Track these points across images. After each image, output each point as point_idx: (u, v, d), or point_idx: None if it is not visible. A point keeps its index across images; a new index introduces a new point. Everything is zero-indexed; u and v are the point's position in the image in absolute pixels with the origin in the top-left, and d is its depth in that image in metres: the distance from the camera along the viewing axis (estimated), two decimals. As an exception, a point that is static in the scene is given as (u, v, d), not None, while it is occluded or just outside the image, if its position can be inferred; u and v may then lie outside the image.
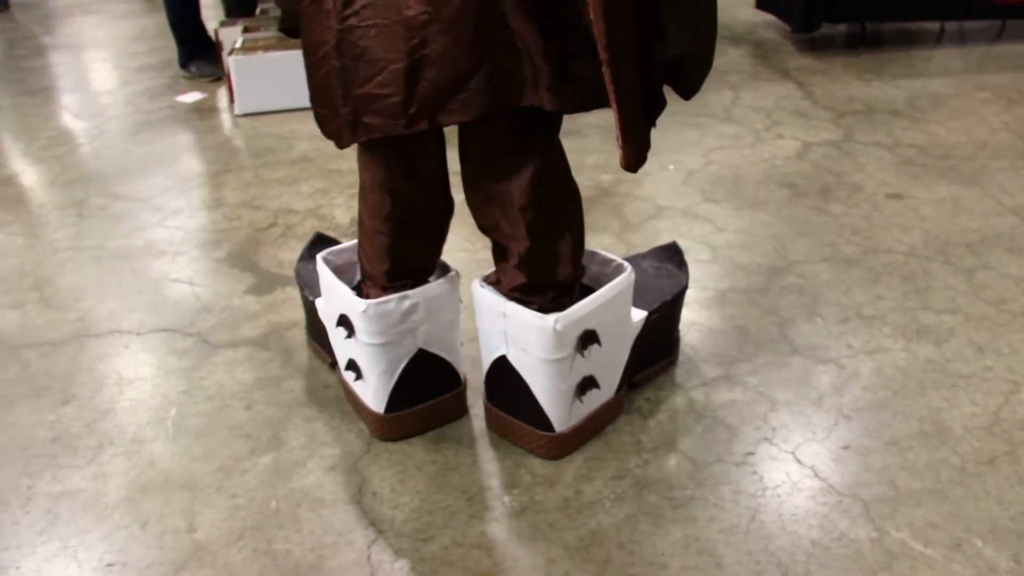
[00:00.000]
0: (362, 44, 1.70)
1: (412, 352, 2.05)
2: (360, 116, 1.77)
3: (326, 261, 2.17)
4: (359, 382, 2.13)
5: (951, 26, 5.55)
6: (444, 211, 2.08)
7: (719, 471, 2.07)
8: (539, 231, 1.93)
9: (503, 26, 1.68)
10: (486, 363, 2.12)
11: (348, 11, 1.69)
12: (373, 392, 2.09)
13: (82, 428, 2.27)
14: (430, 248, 2.11)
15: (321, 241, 2.60)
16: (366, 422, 2.18)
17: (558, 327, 1.90)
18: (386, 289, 2.02)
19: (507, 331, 1.99)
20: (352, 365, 2.12)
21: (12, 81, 5.31)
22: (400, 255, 2.03)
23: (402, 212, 1.99)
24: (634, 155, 1.72)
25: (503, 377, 2.06)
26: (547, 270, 1.98)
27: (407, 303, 1.99)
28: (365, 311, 1.97)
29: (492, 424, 2.19)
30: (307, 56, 1.83)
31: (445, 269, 2.14)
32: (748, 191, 3.45)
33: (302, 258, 2.58)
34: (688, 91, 1.85)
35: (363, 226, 2.04)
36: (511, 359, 2.01)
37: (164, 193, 3.60)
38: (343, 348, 2.14)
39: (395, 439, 2.15)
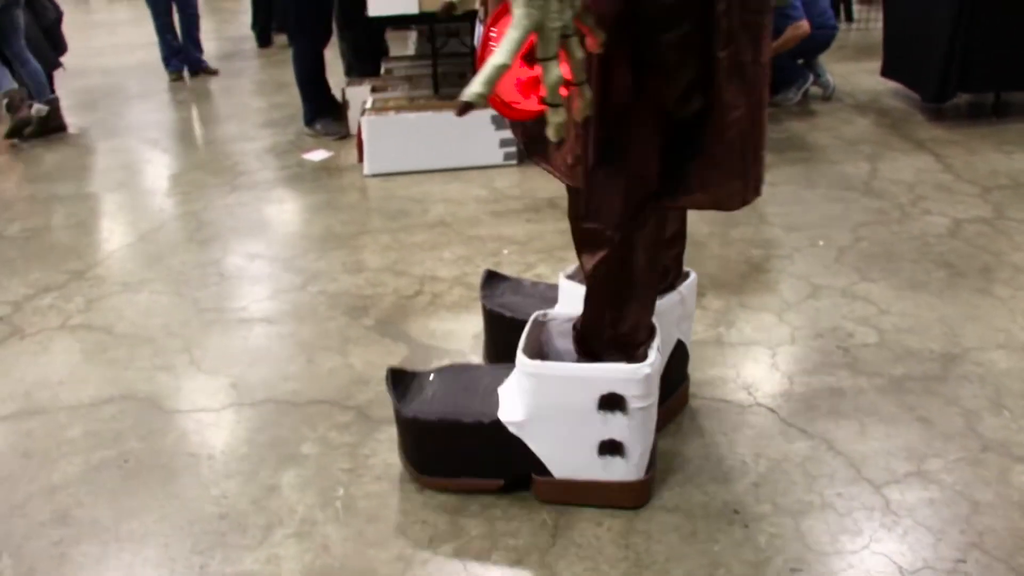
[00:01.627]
0: None
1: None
2: None
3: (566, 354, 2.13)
4: (614, 460, 2.08)
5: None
6: None
7: (931, 581, 1.92)
8: None
9: None
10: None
11: None
12: (637, 460, 2.09)
13: (248, 505, 2.21)
14: None
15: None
16: (620, 499, 2.14)
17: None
18: (642, 345, 2.05)
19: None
20: (611, 447, 2.07)
21: (143, 137, 5.41)
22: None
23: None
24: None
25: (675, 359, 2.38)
26: None
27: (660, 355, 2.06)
28: (649, 373, 1.99)
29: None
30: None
31: None
32: (905, 270, 3.30)
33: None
34: None
35: (636, 288, 2.00)
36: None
37: (304, 254, 3.58)
38: (597, 432, 2.07)
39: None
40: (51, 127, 5.50)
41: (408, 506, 2.17)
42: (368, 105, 4.50)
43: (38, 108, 5.43)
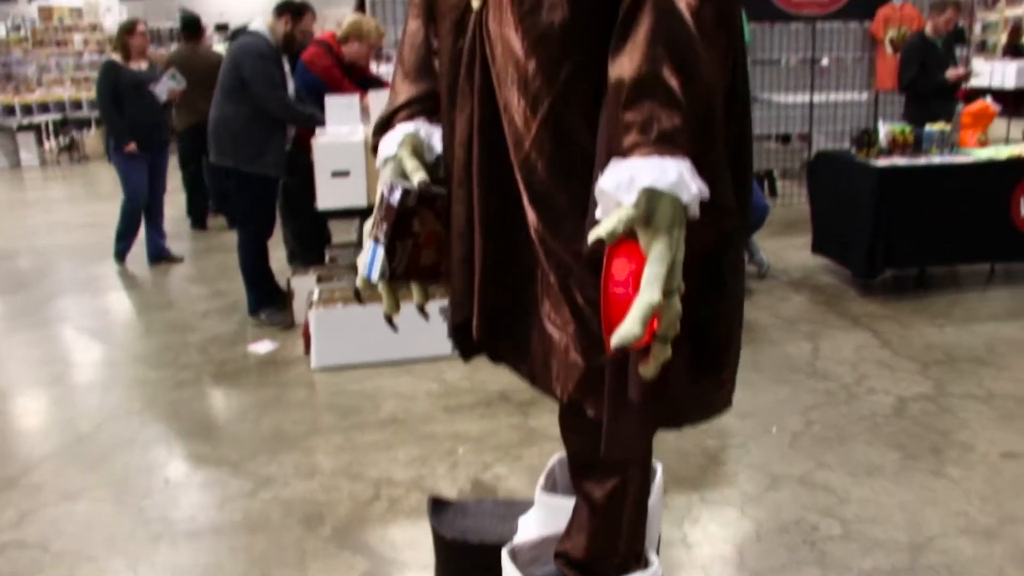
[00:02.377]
0: None
1: None
2: None
3: None
4: None
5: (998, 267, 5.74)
6: None
7: None
8: None
9: None
10: None
11: None
12: None
13: None
14: None
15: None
16: None
17: None
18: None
19: None
20: None
21: (78, 326, 5.29)
22: None
23: None
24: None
25: None
26: None
27: None
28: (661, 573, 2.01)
29: None
30: None
31: None
32: (858, 454, 3.34)
33: None
34: None
35: (647, 502, 1.97)
36: None
37: (253, 457, 3.47)
38: None
39: None
40: None
41: None
42: (315, 297, 4.49)
43: None
